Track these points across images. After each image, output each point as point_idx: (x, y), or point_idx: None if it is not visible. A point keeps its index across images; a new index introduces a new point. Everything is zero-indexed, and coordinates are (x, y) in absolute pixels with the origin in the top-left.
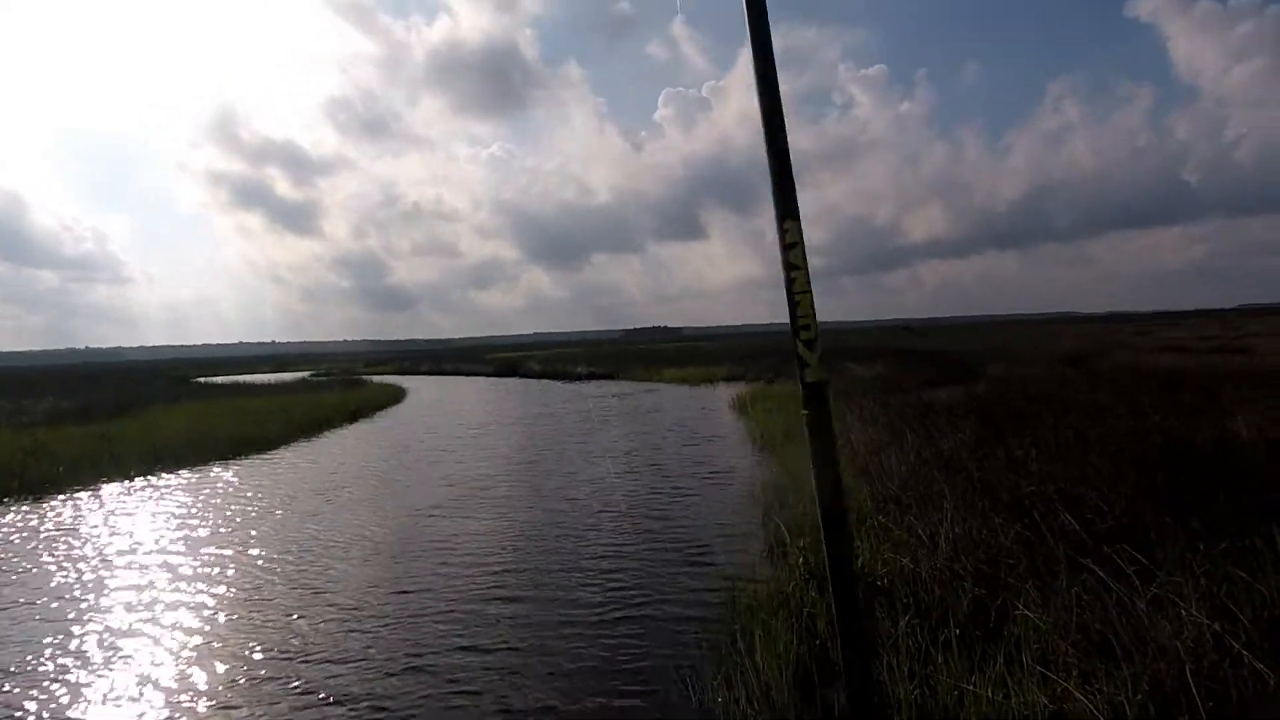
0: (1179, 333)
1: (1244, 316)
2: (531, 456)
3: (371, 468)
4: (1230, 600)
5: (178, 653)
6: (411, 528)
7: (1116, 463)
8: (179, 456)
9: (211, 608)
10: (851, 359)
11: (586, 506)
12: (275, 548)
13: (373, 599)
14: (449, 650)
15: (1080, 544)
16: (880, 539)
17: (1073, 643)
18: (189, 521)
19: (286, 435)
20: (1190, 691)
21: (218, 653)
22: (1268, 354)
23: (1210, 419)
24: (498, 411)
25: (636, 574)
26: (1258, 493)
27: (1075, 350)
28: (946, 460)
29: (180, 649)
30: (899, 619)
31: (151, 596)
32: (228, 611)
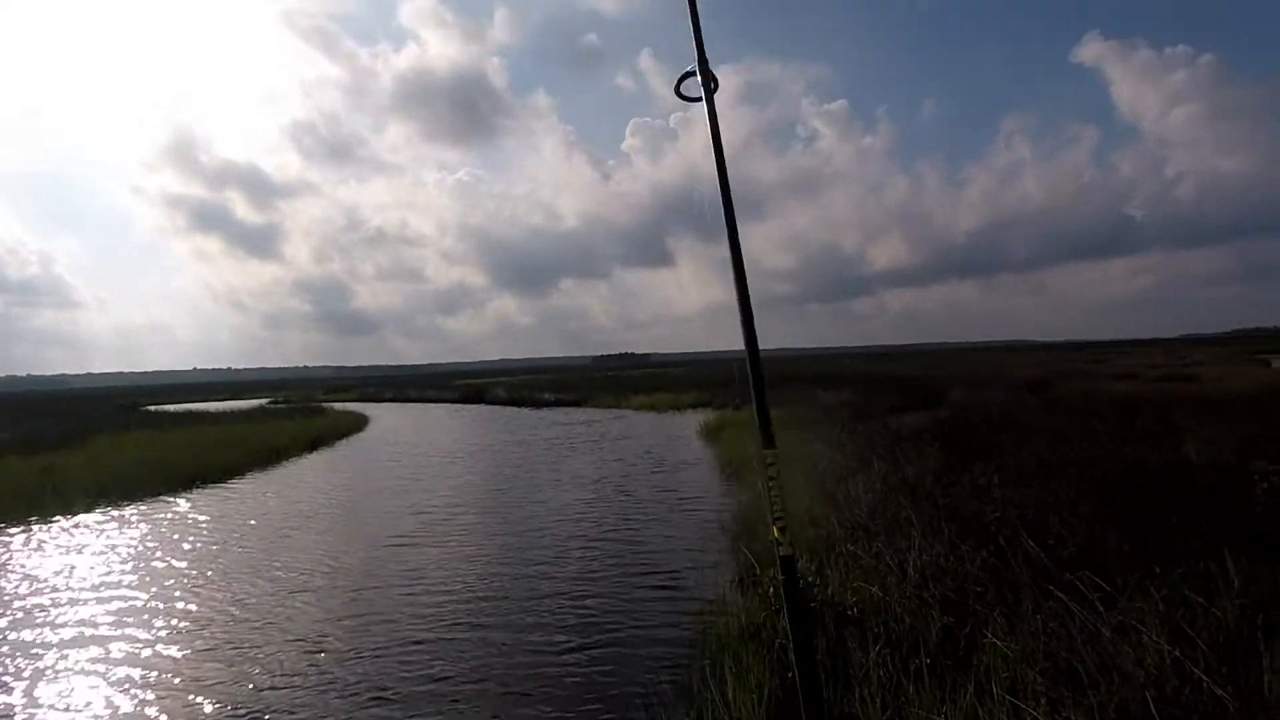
0: (1130, 361)
1: (1187, 345)
2: (499, 485)
3: (332, 498)
4: (1188, 625)
5: (117, 699)
6: (375, 559)
7: (1077, 489)
8: (128, 489)
9: (159, 648)
10: (820, 386)
11: (556, 535)
12: (231, 583)
13: (336, 632)
14: (415, 681)
15: (1045, 570)
16: (850, 568)
17: (1040, 671)
18: (137, 557)
19: (243, 465)
20: (1154, 718)
21: (166, 694)
22: (1212, 382)
23: (1163, 445)
24: (463, 439)
25: (606, 603)
26: (1209, 517)
27: (1033, 377)
28: (913, 487)
29: (122, 693)
30: (870, 649)
31: (91, 639)
32: (177, 651)
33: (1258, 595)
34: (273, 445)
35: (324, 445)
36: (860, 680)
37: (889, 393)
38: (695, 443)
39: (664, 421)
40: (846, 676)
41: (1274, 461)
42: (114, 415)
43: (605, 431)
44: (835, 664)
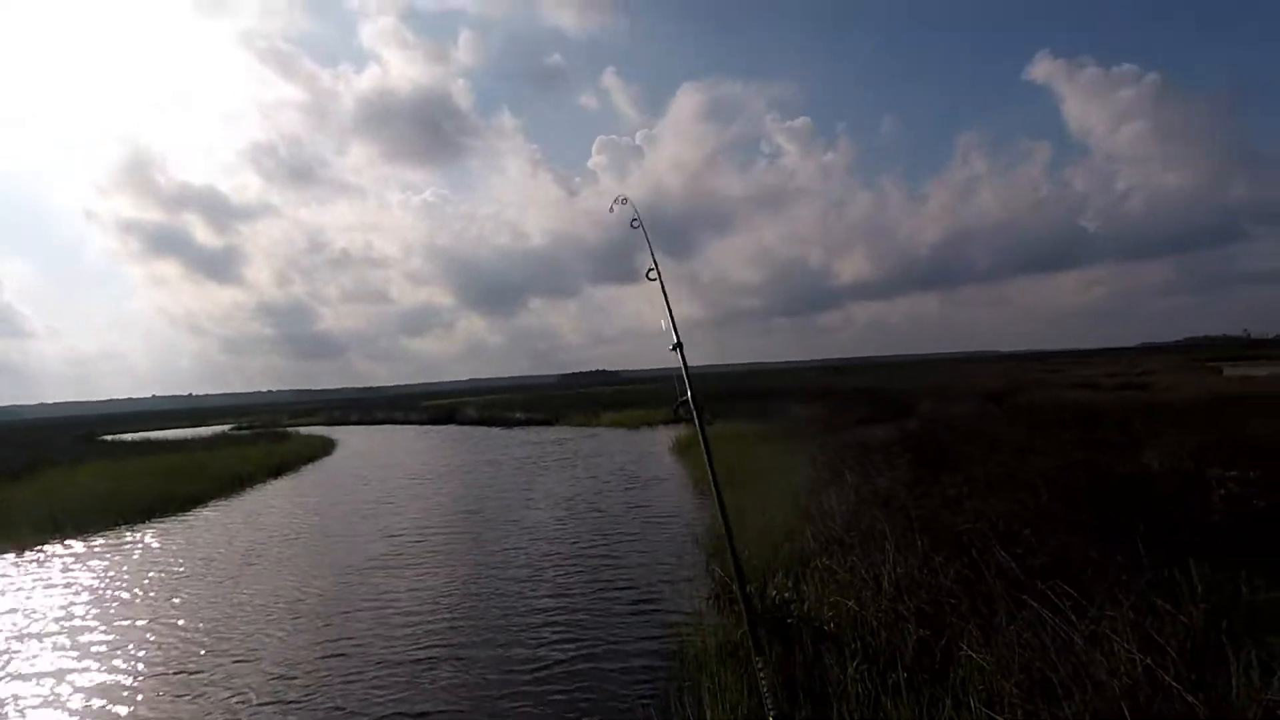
0: (1088, 370)
1: (1142, 354)
2: (470, 505)
3: (299, 524)
4: (1157, 632)
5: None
6: (345, 586)
7: (1045, 498)
8: (82, 521)
9: (118, 684)
10: (791, 399)
11: (529, 554)
12: (194, 615)
13: (304, 663)
14: (387, 705)
15: (1017, 581)
16: (825, 582)
17: (1016, 683)
18: (92, 592)
19: (204, 494)
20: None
21: None
22: (1166, 389)
23: (1124, 453)
24: (433, 460)
25: (581, 623)
26: (1172, 524)
27: (996, 387)
28: (885, 499)
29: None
30: (847, 664)
31: (42, 676)
32: (138, 687)
33: (1220, 602)
34: (235, 472)
35: (289, 471)
36: (838, 696)
37: (857, 405)
38: (667, 459)
39: (635, 438)
40: (824, 693)
41: (1229, 468)
42: (68, 446)
43: (577, 449)
44: (812, 680)
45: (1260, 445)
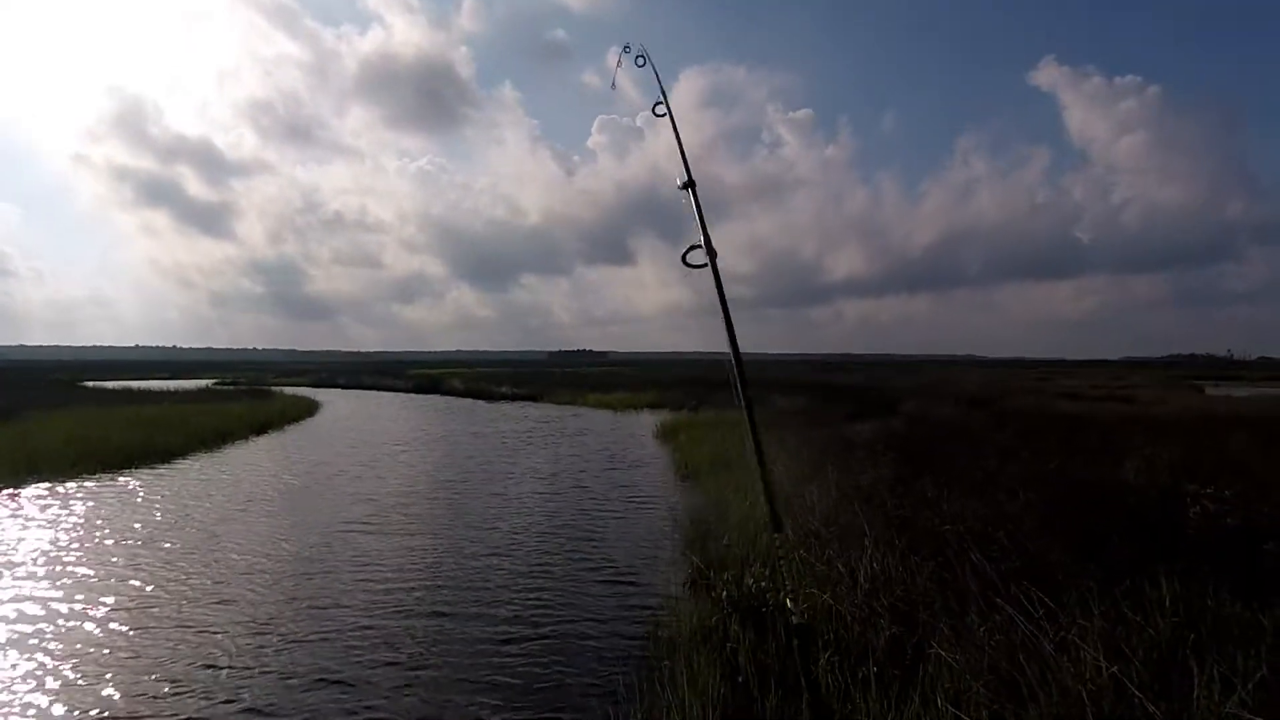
0: (1073, 380)
1: (1127, 368)
2: (454, 475)
3: (279, 482)
4: (1125, 642)
5: (47, 679)
6: (323, 547)
7: (1023, 504)
8: (60, 467)
9: (91, 627)
10: (776, 390)
11: (510, 527)
12: (171, 564)
13: (280, 615)
14: (363, 666)
15: (991, 583)
16: (802, 574)
17: (984, 683)
18: (69, 536)
19: (185, 447)
20: None
21: (100, 674)
22: (1149, 404)
23: (1104, 464)
24: (419, 428)
25: (559, 598)
26: (1146, 536)
27: (983, 392)
28: (866, 496)
29: (51, 674)
30: (819, 656)
31: (16, 618)
32: (112, 631)
33: (1188, 615)
34: (218, 428)
35: (272, 429)
36: (808, 686)
37: (843, 400)
38: (651, 444)
39: (620, 420)
40: (796, 682)
41: (1206, 485)
42: (49, 391)
43: (562, 428)
44: (784, 669)
45: (1236, 465)
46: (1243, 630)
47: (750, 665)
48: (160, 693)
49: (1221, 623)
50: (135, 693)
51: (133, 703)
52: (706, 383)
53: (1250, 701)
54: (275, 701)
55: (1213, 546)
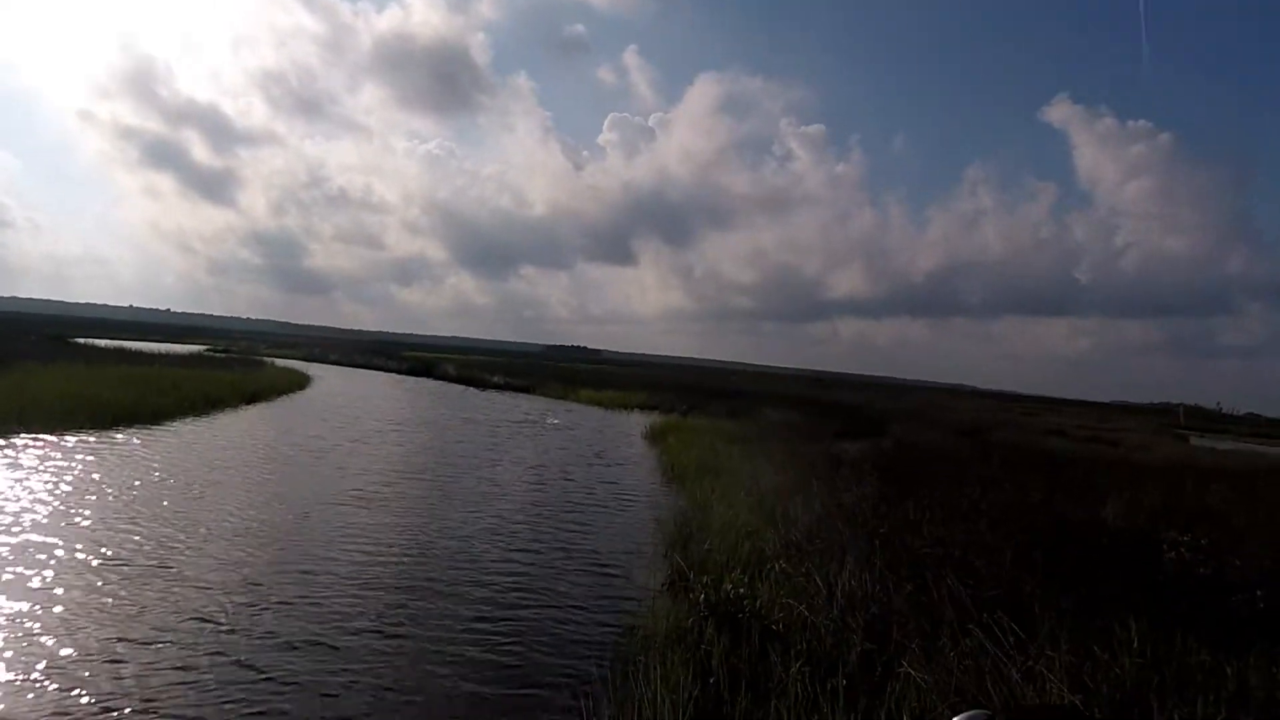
0: (1061, 418)
1: (1115, 411)
2: (443, 459)
3: (265, 452)
4: (1090, 677)
5: (18, 635)
6: (309, 516)
7: (1003, 534)
8: (49, 421)
9: (84, 576)
10: (767, 403)
11: (496, 514)
12: (159, 522)
13: (251, 580)
14: (344, 634)
15: (965, 609)
16: (780, 584)
17: (950, 705)
18: (54, 489)
19: (175, 410)
20: None
21: (94, 618)
22: (1134, 448)
23: (1085, 504)
24: (410, 410)
25: (540, 585)
26: (1121, 578)
27: (972, 422)
28: (849, 513)
29: (26, 629)
30: (791, 664)
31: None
32: (103, 581)
33: (1154, 657)
34: (208, 394)
35: (262, 400)
36: (778, 693)
37: (835, 418)
38: (640, 444)
39: (611, 418)
40: (766, 688)
41: (1183, 532)
42: (40, 344)
43: (554, 422)
44: (755, 674)
45: (1214, 515)
46: (1206, 677)
47: (723, 668)
48: (146, 639)
49: (1186, 668)
50: (122, 637)
51: (117, 646)
52: (699, 389)
53: None
54: (258, 658)
55: (1184, 593)
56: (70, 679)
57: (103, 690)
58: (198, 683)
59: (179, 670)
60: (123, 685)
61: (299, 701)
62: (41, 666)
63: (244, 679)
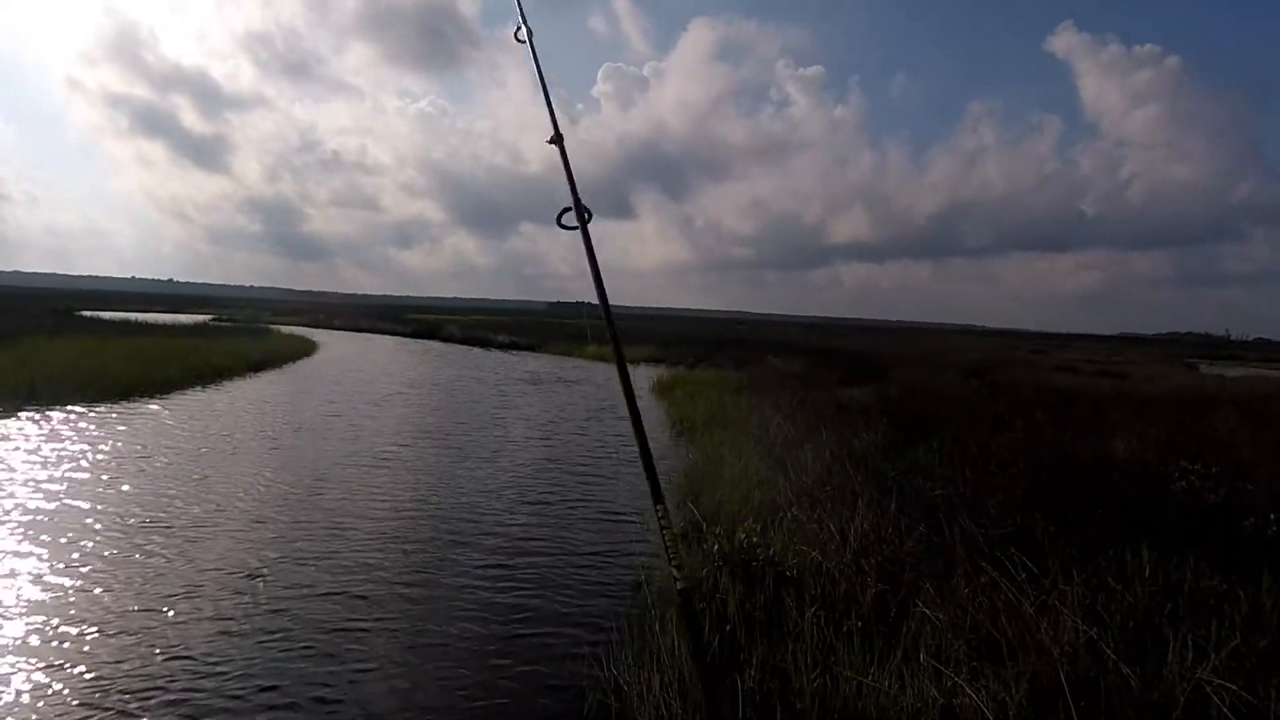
0: (1070, 354)
1: (1124, 344)
2: (451, 418)
3: (275, 420)
4: (1104, 608)
5: (37, 600)
6: (318, 481)
7: (1014, 473)
8: (58, 394)
9: (91, 549)
10: (772, 352)
11: (508, 469)
12: (180, 487)
13: (289, 535)
14: (370, 581)
15: (977, 548)
16: (793, 532)
17: (966, 641)
18: (67, 462)
19: (183, 380)
20: (1065, 691)
21: (124, 579)
22: (1142, 380)
23: (1094, 437)
24: (417, 373)
25: (557, 540)
26: (1131, 508)
27: (979, 362)
28: (859, 459)
29: (38, 598)
30: (806, 609)
31: (11, 537)
32: (109, 555)
33: (1167, 584)
34: (215, 364)
35: (269, 368)
36: (793, 637)
37: (840, 364)
38: (648, 398)
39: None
40: (782, 633)
41: (1193, 461)
42: (45, 317)
43: (561, 377)
44: (771, 620)
45: (1224, 443)
46: (1218, 601)
47: (739, 615)
48: (176, 593)
49: (1198, 594)
50: (160, 591)
51: (152, 603)
52: (704, 341)
53: (1222, 669)
54: (290, 606)
55: (1194, 520)
56: (117, 630)
57: (147, 639)
58: (235, 631)
59: (216, 620)
60: (165, 636)
61: (334, 645)
62: (90, 617)
63: (278, 625)
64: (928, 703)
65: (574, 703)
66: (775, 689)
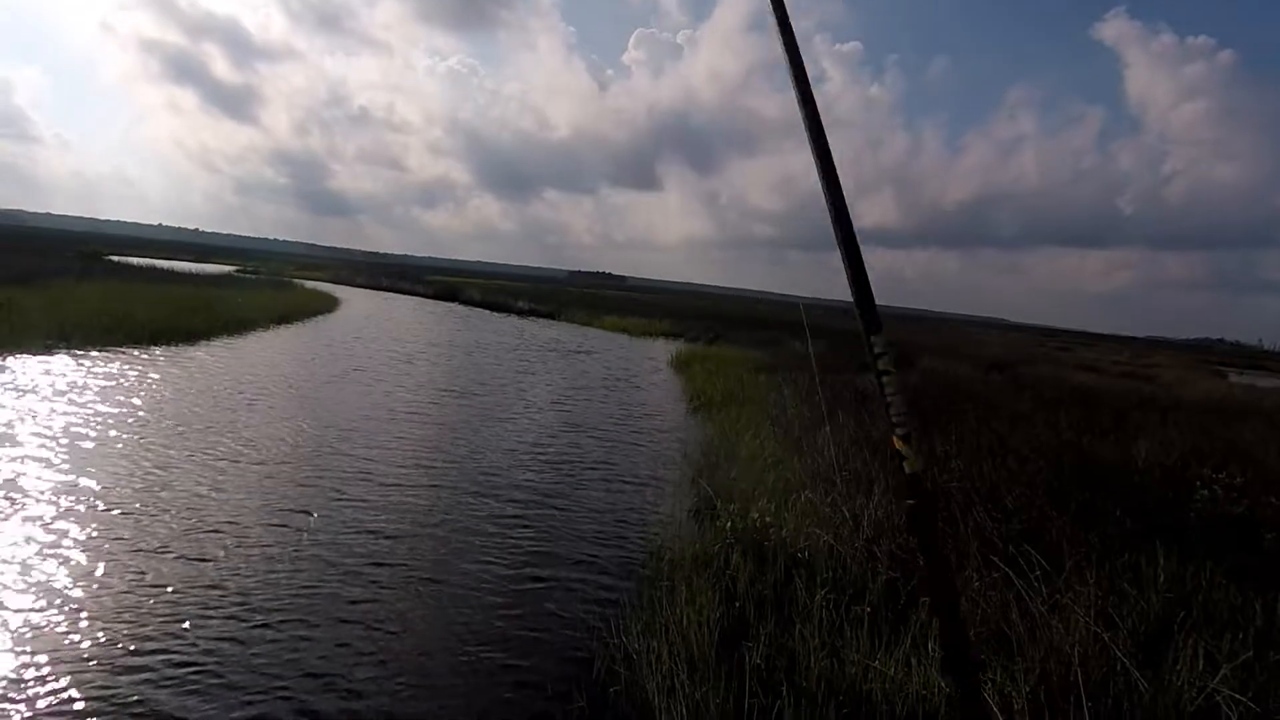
0: (1094, 353)
1: (1150, 347)
2: (475, 381)
3: (299, 373)
4: (1116, 611)
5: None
6: (343, 432)
7: (1032, 470)
8: (89, 337)
9: (119, 490)
10: (792, 334)
11: (527, 433)
12: (210, 431)
13: (321, 480)
14: (399, 521)
15: (991, 542)
16: (806, 514)
17: (975, 634)
18: (100, 403)
19: (209, 330)
20: (1076, 690)
21: (161, 517)
22: (1168, 384)
23: (1116, 440)
24: (438, 333)
25: (572, 502)
26: (1150, 513)
27: (1002, 357)
28: (875, 445)
29: (63, 535)
30: (816, 592)
31: (39, 476)
32: (133, 492)
33: (1182, 592)
34: (240, 315)
35: (293, 321)
36: (802, 618)
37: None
38: (666, 371)
39: (635, 345)
40: (790, 613)
41: (1217, 471)
42: (75, 261)
43: (582, 345)
44: (780, 599)
45: (1249, 454)
46: (1233, 614)
47: (749, 592)
48: (224, 528)
49: (1213, 604)
50: (201, 528)
51: (199, 534)
52: (724, 317)
53: (1233, 680)
54: (322, 546)
55: (1214, 530)
56: (161, 562)
57: (191, 569)
58: (274, 570)
59: (258, 560)
60: (205, 569)
61: (362, 585)
62: (132, 552)
63: (309, 564)
64: (933, 691)
65: (583, 667)
66: (782, 666)
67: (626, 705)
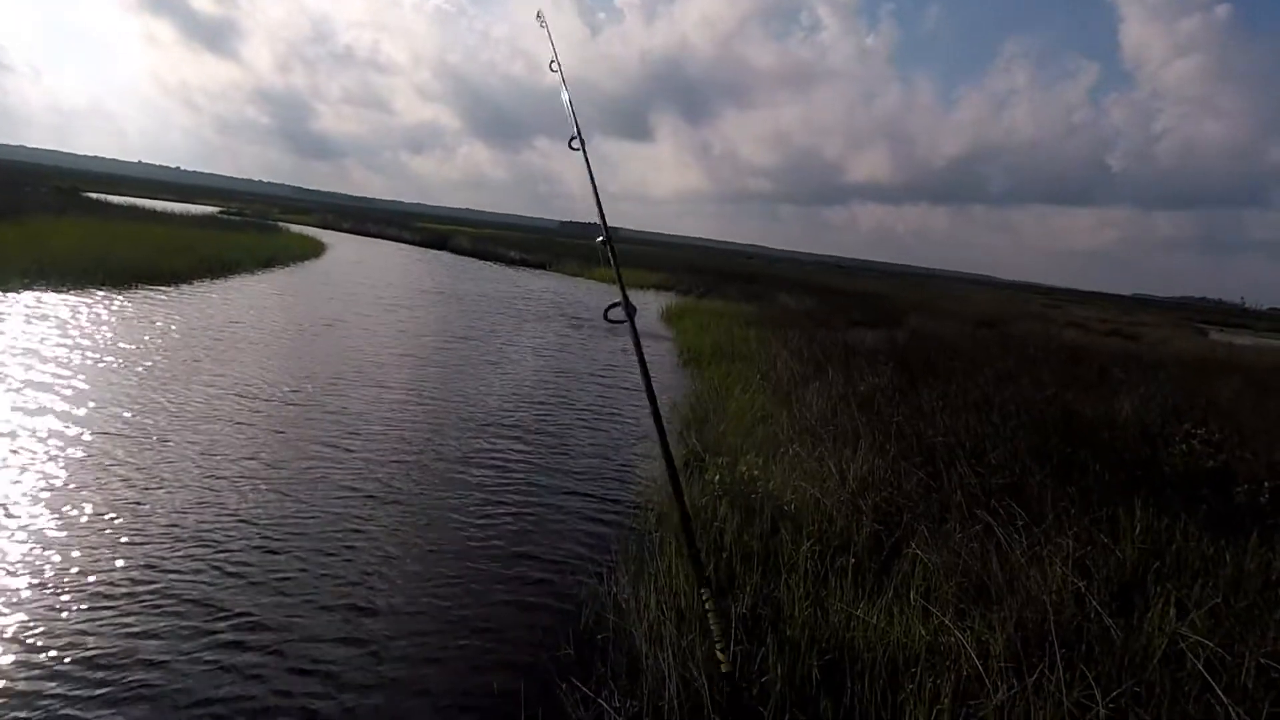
0: (1083, 311)
1: (1137, 305)
2: (463, 332)
3: (284, 320)
4: (1092, 562)
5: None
6: (328, 383)
7: (1015, 425)
8: (68, 276)
9: (93, 436)
10: (783, 290)
11: (512, 386)
12: (193, 380)
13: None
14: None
15: (974, 495)
16: (793, 468)
17: (956, 583)
18: (76, 345)
19: (191, 272)
20: (1050, 637)
21: (132, 467)
22: (1154, 343)
23: (1099, 396)
24: (427, 282)
25: (559, 452)
26: (1128, 467)
27: (991, 313)
28: (863, 401)
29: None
30: (802, 543)
31: (17, 414)
32: (110, 441)
33: (1156, 543)
34: (223, 257)
35: (278, 265)
36: (788, 568)
37: (850, 306)
38: (657, 325)
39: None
40: (777, 564)
41: (1195, 426)
42: (51, 196)
43: (571, 298)
44: (767, 551)
45: (1226, 409)
46: (1204, 562)
47: (735, 545)
48: (188, 482)
49: (1186, 554)
50: (195, 476)
51: (193, 479)
52: (715, 271)
53: (1200, 626)
54: (301, 493)
55: (1189, 483)
56: (158, 504)
57: (180, 515)
58: (255, 521)
59: (247, 513)
60: (202, 498)
61: (347, 534)
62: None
63: (276, 517)
64: (914, 639)
65: (571, 615)
66: (767, 615)
67: (614, 652)
